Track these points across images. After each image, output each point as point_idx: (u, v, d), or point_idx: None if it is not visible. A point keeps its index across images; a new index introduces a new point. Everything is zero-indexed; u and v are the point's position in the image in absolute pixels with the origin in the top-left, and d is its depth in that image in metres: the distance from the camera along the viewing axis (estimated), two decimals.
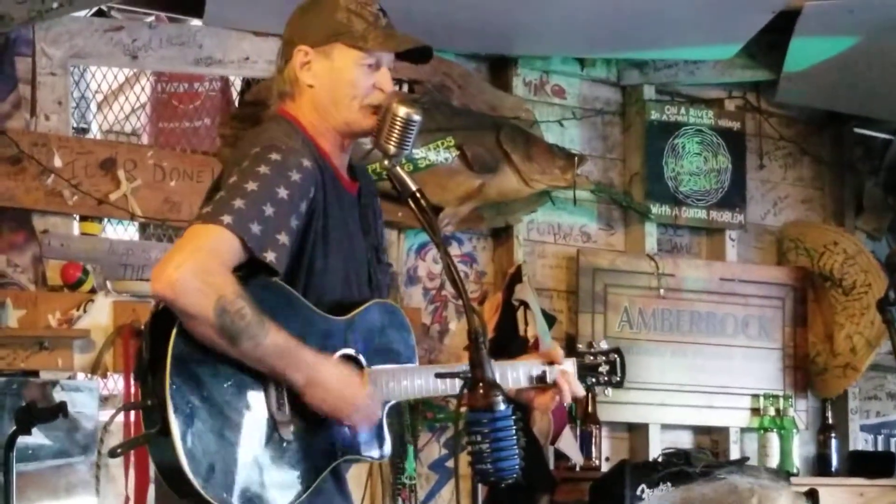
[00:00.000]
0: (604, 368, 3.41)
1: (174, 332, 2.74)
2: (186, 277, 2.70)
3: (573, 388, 3.25)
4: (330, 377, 2.87)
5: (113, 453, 2.90)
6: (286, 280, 2.91)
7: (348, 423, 2.92)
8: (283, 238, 2.84)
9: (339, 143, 3.09)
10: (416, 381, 3.05)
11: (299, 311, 2.91)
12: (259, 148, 2.92)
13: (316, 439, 2.91)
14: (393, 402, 3.06)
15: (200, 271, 2.72)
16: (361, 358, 3.01)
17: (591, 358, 3.41)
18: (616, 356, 3.45)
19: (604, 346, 3.47)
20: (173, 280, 2.70)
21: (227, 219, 2.77)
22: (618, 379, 3.44)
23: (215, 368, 2.79)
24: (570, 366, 3.31)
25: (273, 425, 2.84)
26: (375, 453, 3.05)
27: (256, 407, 2.83)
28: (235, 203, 2.80)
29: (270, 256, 2.81)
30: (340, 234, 3.04)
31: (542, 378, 3.24)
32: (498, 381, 3.01)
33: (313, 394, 2.85)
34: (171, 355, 2.73)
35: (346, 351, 2.99)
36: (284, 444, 2.85)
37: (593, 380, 3.41)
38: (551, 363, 3.25)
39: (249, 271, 2.83)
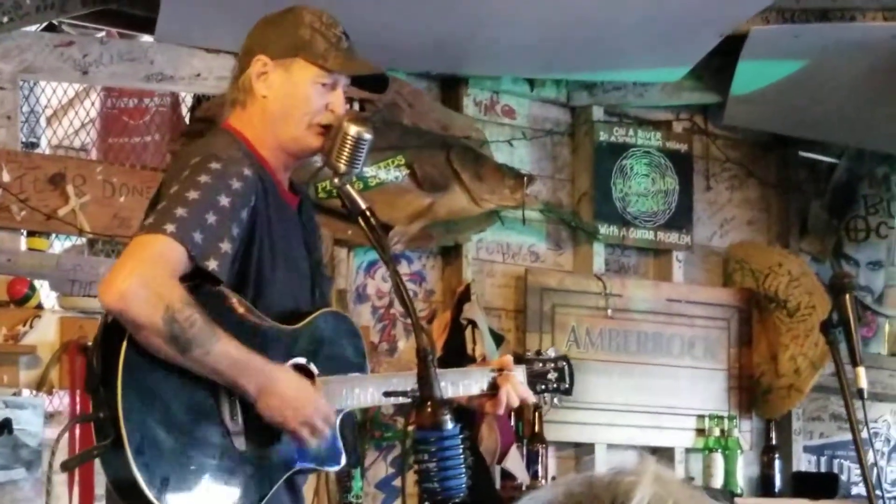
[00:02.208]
0: (552, 375, 3.46)
1: (125, 343, 2.74)
2: (134, 288, 2.70)
3: (519, 392, 3.27)
4: (282, 385, 2.87)
5: (66, 466, 2.90)
6: (235, 290, 2.92)
7: (301, 431, 2.91)
8: (225, 246, 2.85)
9: (283, 161, 3.10)
10: (369, 389, 3.07)
11: (249, 320, 2.92)
12: (199, 158, 2.93)
13: (270, 449, 2.91)
14: (346, 410, 3.06)
15: (148, 281, 2.73)
16: (312, 367, 3.02)
17: (540, 365, 3.46)
18: (564, 363, 3.49)
19: (552, 353, 3.51)
20: (121, 291, 2.71)
21: (169, 227, 2.78)
22: (566, 386, 3.49)
23: (167, 379, 2.79)
24: (519, 373, 3.35)
25: (226, 436, 2.84)
26: (331, 463, 3.05)
27: (209, 417, 2.83)
28: (177, 212, 2.81)
29: (213, 265, 2.82)
30: (284, 246, 3.05)
31: (492, 385, 3.27)
32: (450, 390, 3.05)
33: (266, 402, 2.86)
34: (122, 366, 2.74)
35: (298, 360, 3.00)
36: (238, 455, 2.85)
37: (543, 387, 3.44)
38: (501, 370, 3.28)
39: (196, 281, 2.83)
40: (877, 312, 6.79)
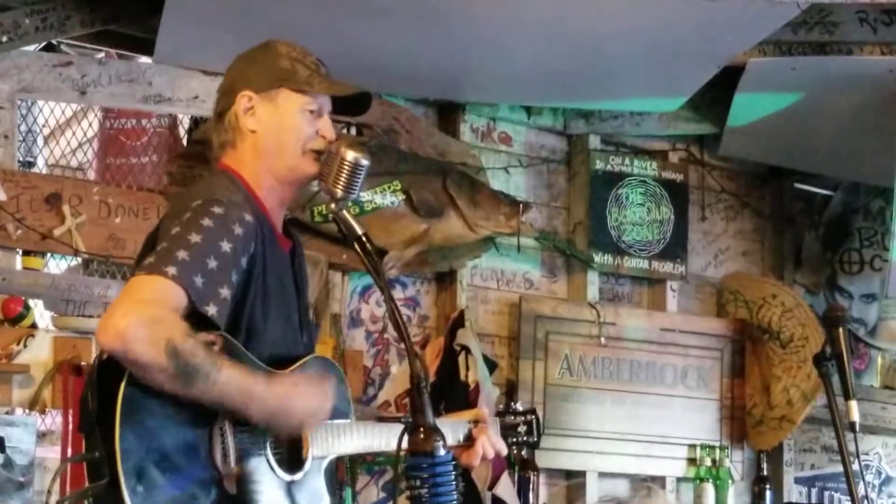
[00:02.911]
0: (522, 428, 3.57)
1: (123, 382, 2.71)
2: (133, 327, 2.66)
3: (493, 443, 3.36)
4: (287, 400, 2.85)
5: None
6: (227, 331, 2.91)
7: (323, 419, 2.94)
8: (225, 292, 2.83)
9: (280, 196, 3.10)
10: (354, 437, 3.08)
11: (245, 363, 2.91)
12: (201, 200, 2.91)
13: (260, 495, 2.90)
14: (329, 458, 3.06)
15: (147, 320, 2.68)
16: None
17: (511, 418, 3.57)
18: (532, 417, 3.60)
19: (520, 407, 3.64)
20: (121, 331, 2.65)
21: (171, 270, 2.75)
22: (534, 439, 3.61)
23: (164, 420, 2.76)
24: (494, 424, 3.46)
25: (217, 479, 2.82)
26: None
27: (202, 460, 2.80)
28: (179, 254, 2.78)
29: (212, 310, 2.79)
30: (278, 292, 3.04)
31: (468, 436, 3.35)
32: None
33: (278, 421, 2.84)
34: (120, 406, 2.70)
35: None
36: (228, 498, 2.84)
37: (514, 439, 3.57)
38: (477, 422, 3.36)
39: (196, 326, 2.82)
40: (869, 345, 6.80)
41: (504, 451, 3.42)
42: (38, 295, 4.69)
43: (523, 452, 3.67)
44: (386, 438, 3.10)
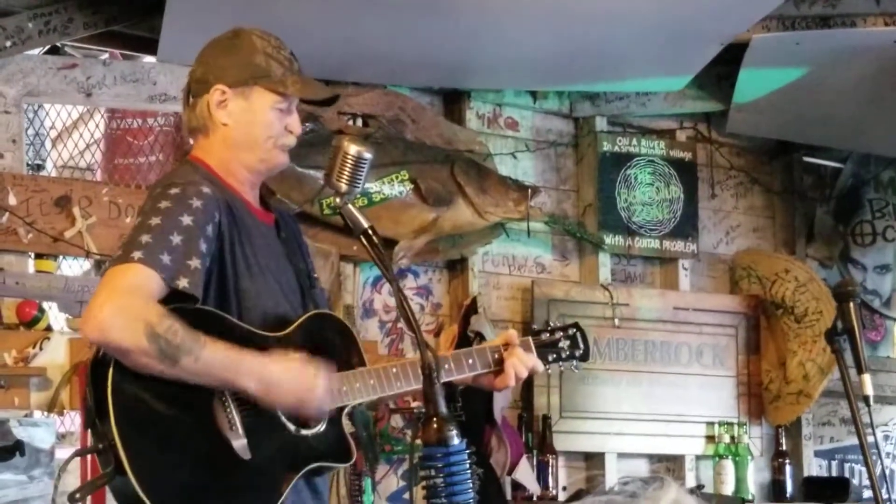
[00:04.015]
0: (564, 343, 3.44)
1: (110, 372, 2.77)
2: (109, 316, 2.75)
3: (526, 362, 3.29)
4: (280, 372, 2.89)
5: (72, 498, 2.90)
6: (218, 304, 2.95)
7: (314, 409, 2.94)
8: (195, 263, 2.89)
9: (250, 180, 3.16)
10: (370, 381, 3.09)
11: (234, 331, 2.94)
12: (160, 189, 2.99)
13: (275, 454, 2.93)
14: (350, 406, 3.08)
15: (122, 307, 2.77)
16: None
17: (548, 335, 3.44)
18: (575, 329, 3.47)
19: (561, 322, 3.51)
20: (98, 321, 2.75)
21: (136, 255, 2.83)
22: (581, 351, 3.46)
23: (159, 401, 2.82)
24: (526, 346, 3.35)
25: (229, 447, 2.86)
26: (343, 459, 3.07)
27: (208, 431, 2.85)
28: (142, 239, 2.86)
29: (183, 283, 2.85)
30: (260, 258, 3.08)
31: (498, 361, 3.28)
32: (454, 371, 3.08)
33: (269, 393, 2.88)
34: (110, 395, 2.77)
35: None
36: (243, 464, 2.87)
37: (554, 355, 3.42)
38: (507, 346, 3.29)
39: (175, 304, 2.86)
40: (885, 316, 6.80)
41: (539, 367, 3.33)
42: (52, 297, 4.71)
43: (573, 367, 3.48)
44: (399, 380, 3.11)
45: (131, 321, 2.75)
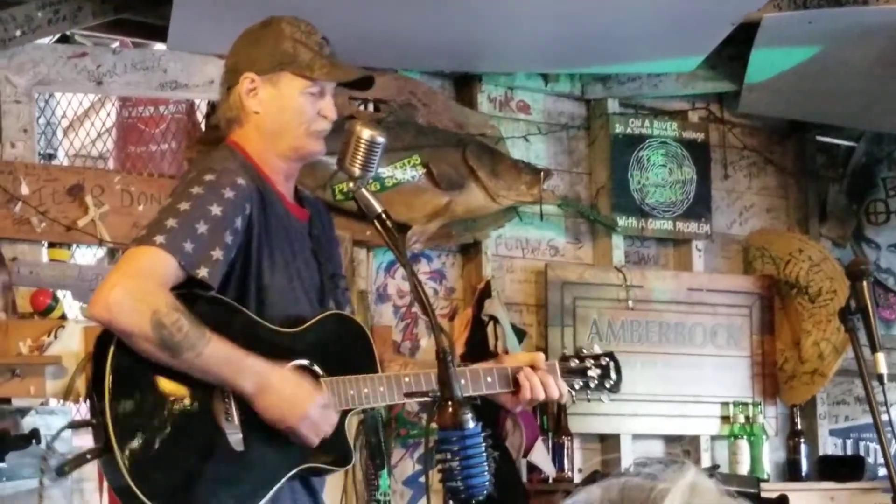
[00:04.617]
0: (594, 372, 3.38)
1: (111, 350, 2.78)
2: (120, 298, 2.76)
3: (545, 383, 3.22)
4: (278, 383, 2.89)
5: (60, 471, 2.94)
6: (237, 297, 2.96)
7: (300, 428, 2.92)
8: (217, 254, 2.89)
9: (285, 170, 3.15)
10: (379, 388, 3.07)
11: (248, 325, 2.95)
12: (195, 172, 3.00)
13: (270, 449, 2.93)
14: (355, 410, 3.08)
15: (133, 290, 2.78)
16: (317, 367, 3.03)
17: (577, 361, 3.39)
18: (608, 359, 3.41)
19: (596, 350, 3.43)
20: (108, 302, 2.76)
21: (159, 239, 2.83)
22: (612, 382, 3.40)
23: (158, 383, 2.83)
24: (551, 366, 3.29)
25: (222, 437, 2.87)
26: (338, 464, 3.07)
27: (203, 419, 2.86)
28: (168, 223, 2.86)
29: (203, 272, 2.86)
30: (286, 255, 3.07)
31: (514, 381, 3.24)
32: (470, 387, 3.05)
33: (262, 400, 2.88)
34: (108, 372, 2.78)
35: (300, 361, 3.01)
36: (235, 456, 2.87)
37: (582, 382, 3.36)
38: (532, 368, 3.25)
39: (191, 289, 2.87)
40: None
41: (562, 396, 3.26)
42: (66, 286, 4.73)
43: (603, 397, 3.41)
44: (409, 388, 3.08)
45: (139, 305, 2.76)
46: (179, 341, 2.78)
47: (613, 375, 3.41)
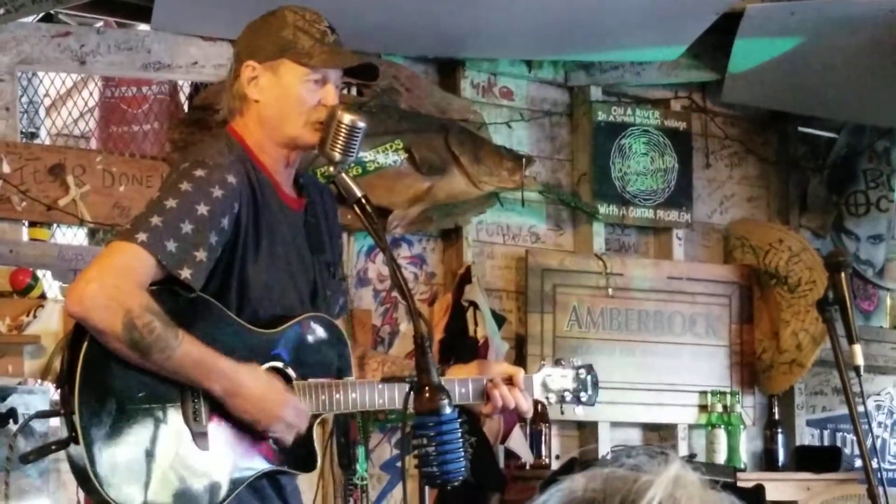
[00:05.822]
0: (570, 385, 3.36)
1: (85, 343, 2.78)
2: (94, 294, 2.76)
3: (517, 402, 3.21)
4: (249, 386, 2.90)
5: (25, 459, 2.94)
6: (217, 290, 2.95)
7: (270, 432, 2.94)
8: (201, 255, 2.88)
9: (283, 158, 3.13)
10: (351, 395, 3.06)
11: (225, 325, 2.95)
12: (188, 164, 2.98)
13: (236, 451, 2.93)
14: (324, 416, 3.09)
15: (108, 288, 2.77)
16: (290, 370, 3.03)
17: (556, 376, 3.36)
18: (586, 372, 3.38)
19: (576, 362, 3.42)
20: (82, 296, 2.77)
21: (141, 236, 2.83)
22: (587, 396, 3.37)
23: (128, 380, 2.84)
24: (528, 381, 3.29)
25: (188, 437, 2.87)
26: (304, 468, 3.07)
27: (171, 418, 2.87)
28: (153, 220, 2.85)
29: (186, 273, 2.85)
30: (278, 248, 3.06)
31: (483, 393, 3.23)
32: (456, 394, 3.06)
33: (234, 403, 2.89)
34: (81, 365, 2.79)
35: (274, 364, 3.01)
36: (198, 455, 2.88)
37: (559, 397, 3.35)
38: (509, 379, 3.24)
39: (171, 286, 2.87)
40: (878, 286, 6.81)
41: (526, 411, 3.26)
42: (46, 266, 4.72)
43: (576, 410, 3.40)
44: (382, 396, 3.10)
45: (112, 304, 2.76)
46: (150, 343, 2.78)
47: (590, 390, 3.39)
